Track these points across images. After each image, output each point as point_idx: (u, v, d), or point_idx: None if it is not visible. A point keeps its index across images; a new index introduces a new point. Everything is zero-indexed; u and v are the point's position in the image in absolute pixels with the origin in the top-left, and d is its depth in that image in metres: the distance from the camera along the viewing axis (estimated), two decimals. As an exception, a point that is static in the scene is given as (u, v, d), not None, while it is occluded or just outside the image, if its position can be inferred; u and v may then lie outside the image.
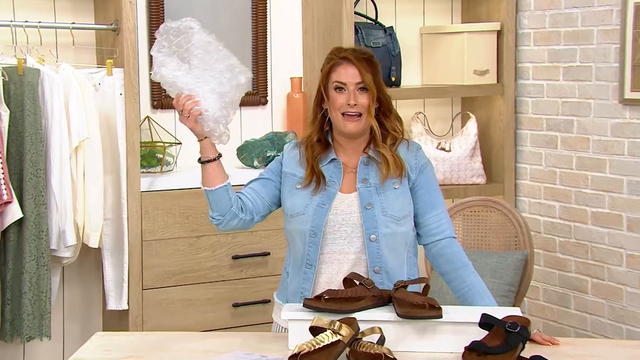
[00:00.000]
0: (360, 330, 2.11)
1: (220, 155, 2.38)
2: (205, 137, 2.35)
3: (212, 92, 2.30)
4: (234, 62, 2.34)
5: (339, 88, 2.38)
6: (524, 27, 3.76)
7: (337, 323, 2.07)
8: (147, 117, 3.43)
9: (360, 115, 2.36)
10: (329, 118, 2.42)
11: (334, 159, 2.43)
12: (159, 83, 2.35)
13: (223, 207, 2.37)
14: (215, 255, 3.31)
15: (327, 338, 2.04)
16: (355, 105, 2.36)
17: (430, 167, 2.45)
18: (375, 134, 2.39)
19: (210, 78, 2.30)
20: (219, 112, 2.30)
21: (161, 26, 2.35)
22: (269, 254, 3.36)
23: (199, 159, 2.38)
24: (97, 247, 3.14)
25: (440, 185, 2.47)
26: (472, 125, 3.76)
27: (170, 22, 2.34)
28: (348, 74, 2.37)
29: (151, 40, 3.43)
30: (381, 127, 2.41)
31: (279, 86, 3.67)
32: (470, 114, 3.79)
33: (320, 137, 2.43)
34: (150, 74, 2.34)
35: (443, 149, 3.72)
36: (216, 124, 2.30)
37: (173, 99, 2.35)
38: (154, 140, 3.42)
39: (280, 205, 2.47)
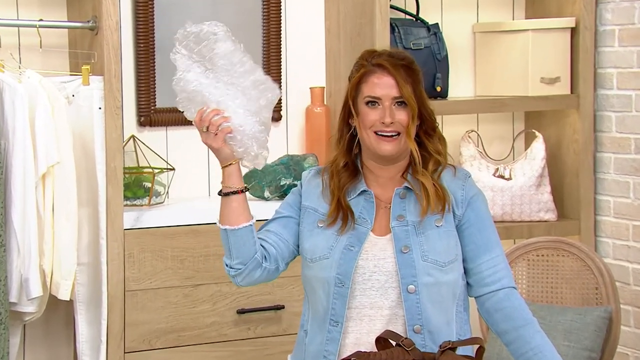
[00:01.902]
0: (397, 404, 2.11)
1: (247, 188, 2.40)
2: (231, 163, 2.37)
3: (243, 108, 2.33)
4: (260, 77, 2.38)
5: (372, 102, 2.40)
6: (606, 22, 3.76)
7: (368, 394, 2.07)
8: (132, 136, 3.46)
9: (397, 134, 2.38)
10: (358, 138, 2.44)
11: (364, 191, 2.44)
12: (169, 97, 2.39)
13: (246, 252, 2.38)
14: (216, 309, 3.31)
15: (355, 413, 2.04)
16: (392, 123, 2.37)
17: (481, 198, 2.45)
18: (414, 160, 2.40)
19: (239, 93, 2.34)
20: (256, 126, 2.32)
21: (179, 31, 2.39)
22: (283, 307, 3.37)
23: (220, 191, 2.38)
24: (68, 299, 3.15)
25: (497, 222, 2.47)
26: (538, 147, 3.76)
27: (191, 25, 2.37)
28: (383, 86, 2.39)
29: (137, 41, 3.48)
30: (422, 148, 2.43)
31: (296, 98, 3.70)
32: (537, 133, 3.79)
33: (348, 161, 2.45)
34: (173, 80, 2.36)
35: (502, 177, 3.73)
36: (253, 142, 2.32)
37: (186, 114, 2.37)
38: (140, 165, 3.45)
39: None
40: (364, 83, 2.41)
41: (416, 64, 2.43)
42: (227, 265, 2.41)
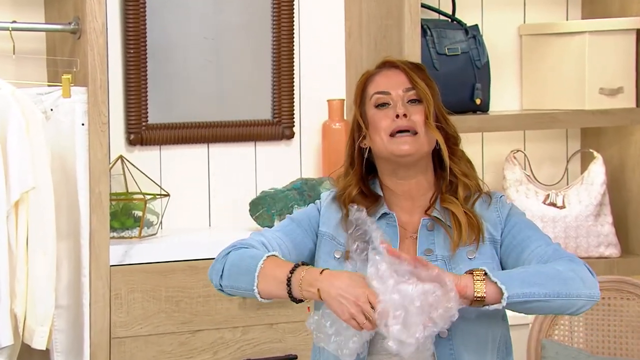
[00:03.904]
0: None
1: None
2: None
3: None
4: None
5: (382, 104, 2.47)
6: (678, 23, 3.77)
7: None
8: (121, 156, 3.49)
9: (415, 134, 2.44)
10: (372, 162, 2.50)
11: (385, 214, 2.49)
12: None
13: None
14: (217, 359, 3.32)
15: None
16: (405, 116, 2.43)
17: (514, 209, 2.50)
18: (441, 150, 2.44)
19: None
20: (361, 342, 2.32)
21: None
22: (295, 357, 3.37)
23: (291, 294, 2.34)
24: (44, 348, 3.16)
25: None
26: (597, 170, 3.77)
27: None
28: (391, 80, 2.47)
29: (127, 46, 3.49)
30: (449, 173, 2.48)
31: (310, 112, 3.73)
32: (595, 153, 3.80)
33: (363, 188, 2.50)
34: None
35: (553, 205, 3.73)
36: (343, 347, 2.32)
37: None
38: (129, 190, 3.48)
39: None
40: (369, 84, 2.49)
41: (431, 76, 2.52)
42: (216, 282, 2.44)
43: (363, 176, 2.52)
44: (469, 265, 2.42)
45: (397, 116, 2.44)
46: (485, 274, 2.29)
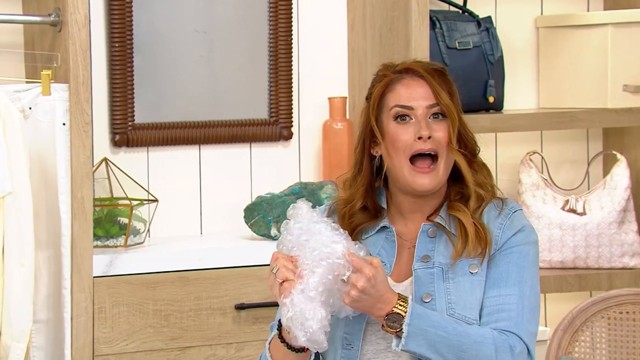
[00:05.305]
0: None
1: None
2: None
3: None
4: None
5: (402, 116, 2.44)
6: None
7: None
8: (105, 159, 3.48)
9: (435, 158, 2.42)
10: (382, 171, 2.48)
11: (385, 227, 2.48)
12: None
13: None
14: (209, 378, 3.33)
15: None
16: (430, 138, 2.41)
17: (519, 236, 2.45)
18: (462, 171, 2.42)
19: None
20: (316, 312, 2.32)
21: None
22: (293, 377, 3.38)
23: (281, 338, 2.36)
24: (22, 366, 3.17)
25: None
26: (621, 173, 3.77)
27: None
28: (415, 93, 2.44)
29: (112, 40, 3.49)
30: (461, 183, 2.47)
31: (311, 111, 3.73)
32: (618, 155, 3.80)
33: (368, 203, 2.48)
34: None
35: (573, 211, 3.73)
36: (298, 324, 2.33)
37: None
38: (114, 196, 3.47)
39: None
40: (389, 93, 2.46)
41: (450, 76, 2.49)
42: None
43: (370, 185, 2.49)
44: (470, 279, 2.40)
45: (420, 137, 2.41)
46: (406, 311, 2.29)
